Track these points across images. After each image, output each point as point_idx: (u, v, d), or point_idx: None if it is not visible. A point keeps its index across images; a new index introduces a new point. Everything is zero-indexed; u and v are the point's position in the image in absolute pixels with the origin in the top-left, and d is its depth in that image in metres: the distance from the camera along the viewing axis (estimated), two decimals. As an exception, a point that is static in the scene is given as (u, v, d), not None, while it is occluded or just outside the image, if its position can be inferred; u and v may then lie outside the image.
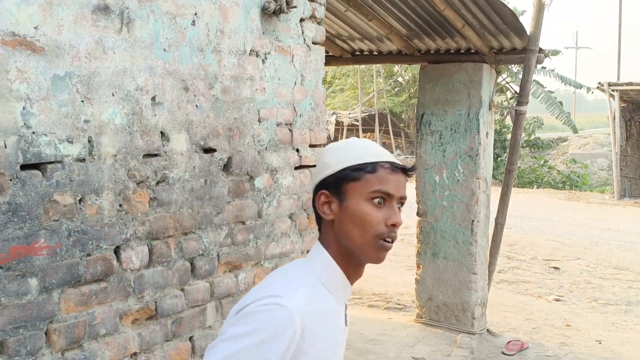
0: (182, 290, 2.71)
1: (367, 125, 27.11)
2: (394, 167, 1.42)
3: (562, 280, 7.97)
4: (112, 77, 2.37)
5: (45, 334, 2.19)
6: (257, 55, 3.03)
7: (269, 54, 3.09)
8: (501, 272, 8.03)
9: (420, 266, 5.75)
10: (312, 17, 3.35)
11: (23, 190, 2.10)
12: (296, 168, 3.32)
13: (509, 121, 21.54)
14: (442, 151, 5.53)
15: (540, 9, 4.97)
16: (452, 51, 5.49)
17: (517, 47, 5.21)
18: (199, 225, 2.77)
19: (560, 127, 28.25)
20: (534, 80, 17.66)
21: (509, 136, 21.63)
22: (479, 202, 5.41)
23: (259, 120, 3.06)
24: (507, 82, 17.17)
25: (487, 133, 5.46)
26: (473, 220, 5.41)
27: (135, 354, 2.52)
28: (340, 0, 4.78)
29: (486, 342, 5.45)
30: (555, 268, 8.55)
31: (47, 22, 2.14)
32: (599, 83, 16.63)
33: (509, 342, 5.39)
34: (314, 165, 3.33)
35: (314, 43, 3.38)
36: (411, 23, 5.18)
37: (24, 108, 2.09)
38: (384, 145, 26.71)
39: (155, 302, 2.58)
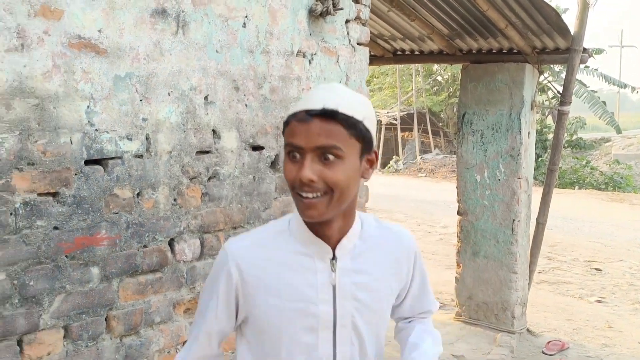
0: (231, 282, 2.81)
1: (405, 124, 27.02)
2: (306, 116, 1.32)
3: (604, 281, 7.88)
4: (168, 78, 2.48)
5: (106, 320, 2.32)
6: (304, 56, 3.12)
7: (315, 54, 3.18)
8: (542, 272, 7.98)
9: (461, 265, 5.77)
10: (357, 18, 3.42)
11: (87, 184, 2.23)
12: (340, 166, 3.40)
13: (550, 121, 21.25)
14: (484, 150, 5.54)
15: (584, 8, 4.95)
16: (494, 51, 5.50)
17: (560, 47, 5.19)
18: (247, 219, 2.87)
19: (603, 127, 27.70)
20: (577, 79, 17.42)
21: (550, 136, 21.34)
22: (520, 201, 5.41)
23: (305, 119, 3.14)
24: (549, 82, 16.98)
25: (528, 133, 5.45)
26: (514, 220, 5.41)
27: (185, 342, 2.63)
28: (383, 1, 4.85)
29: (526, 341, 5.45)
30: (597, 269, 8.46)
31: (110, 26, 2.27)
32: (645, 82, 16.28)
33: (549, 342, 5.39)
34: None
35: (358, 44, 3.45)
36: (453, 23, 5.21)
37: (88, 107, 2.22)
38: (422, 144, 26.61)
39: (206, 293, 2.69)
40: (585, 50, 5.13)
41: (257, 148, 2.91)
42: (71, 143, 2.17)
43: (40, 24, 2.07)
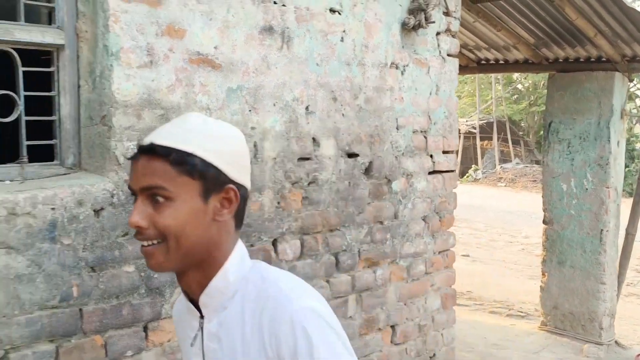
0: (327, 281, 2.98)
1: (484, 133, 26.65)
2: (135, 153, 1.19)
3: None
4: (273, 90, 2.68)
5: (217, 312, 2.52)
6: (397, 68, 3.26)
7: (407, 66, 3.31)
8: (630, 285, 7.77)
9: (546, 274, 5.74)
10: (447, 30, 3.54)
11: (202, 187, 2.44)
12: (430, 173, 3.52)
13: (638, 130, 20.50)
14: (570, 160, 5.51)
15: (677, 15, 4.86)
16: (581, 59, 5.46)
17: (652, 55, 5.11)
18: (343, 223, 3.03)
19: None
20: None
21: (637, 145, 20.56)
22: (608, 211, 5.34)
23: (397, 128, 3.28)
24: (638, 89, 16.41)
25: (618, 142, 5.38)
26: (602, 230, 5.35)
27: (287, 336, 2.80)
28: (469, 12, 4.93)
29: (614, 353, 5.36)
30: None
31: (224, 43, 2.48)
32: None
33: (638, 354, 5.28)
34: (447, 171, 3.53)
35: (448, 55, 3.56)
36: (540, 32, 5.22)
37: (204, 117, 2.43)
38: (501, 153, 26.17)
39: (305, 291, 2.86)
40: (678, 57, 5.04)
41: (352, 155, 3.06)
42: (190, 150, 2.39)
43: (166, 43, 2.30)
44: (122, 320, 2.22)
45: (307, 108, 2.82)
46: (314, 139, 2.86)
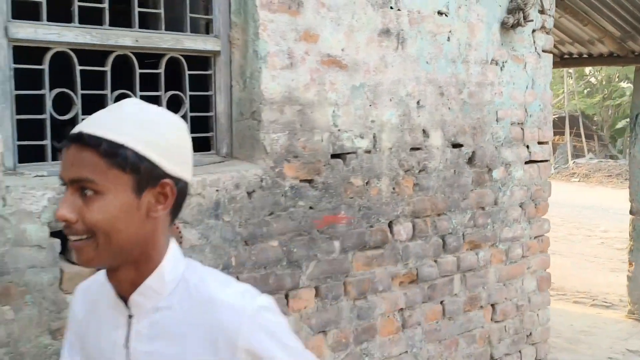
0: (436, 261, 3.26)
1: (557, 127, 26.12)
2: (65, 141, 1.09)
3: None
4: (390, 86, 2.98)
5: (343, 285, 2.85)
6: (496, 64, 3.50)
7: (505, 62, 3.55)
8: None
9: (633, 264, 5.83)
10: (543, 27, 3.75)
11: (332, 174, 2.77)
12: (526, 162, 3.74)
13: None
14: (657, 151, 5.59)
15: None
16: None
17: None
18: (449, 208, 3.30)
19: None
20: None
21: None
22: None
23: (497, 120, 3.53)
24: None
25: None
26: (690, 220, 5.41)
27: (401, 309, 3.10)
28: (556, 8, 5.08)
29: None
30: None
31: (350, 45, 2.80)
32: None
33: None
34: (542, 161, 3.75)
35: (543, 51, 3.77)
36: (626, 25, 5.33)
37: (333, 112, 2.76)
38: (574, 148, 25.70)
39: (417, 269, 3.16)
40: None
41: (457, 146, 3.33)
42: (322, 140, 2.72)
43: (303, 46, 2.63)
44: (269, 287, 2.57)
45: (418, 102, 3.11)
46: (424, 130, 3.15)
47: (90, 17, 2.25)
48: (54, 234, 2.04)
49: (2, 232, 1.93)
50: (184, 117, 2.50)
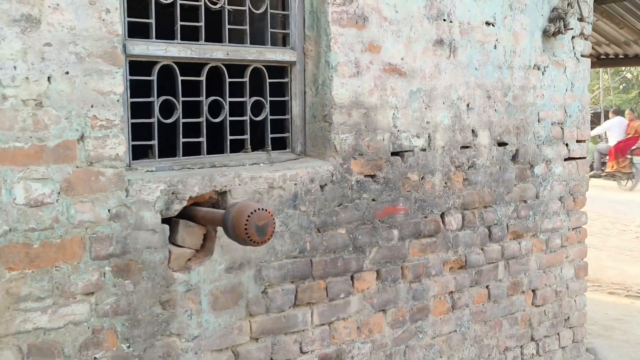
0: (482, 249, 3.57)
1: (592, 123, 26.05)
2: None
3: None
4: (443, 91, 3.30)
5: (401, 269, 3.18)
6: (538, 69, 3.79)
7: (547, 67, 3.84)
8: None
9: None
10: (581, 34, 4.03)
11: (392, 170, 3.10)
12: (565, 159, 4.03)
13: None
14: (691, 148, 5.80)
15: None
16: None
17: None
18: (494, 201, 3.61)
19: None
20: None
21: None
22: None
23: (538, 121, 3.82)
24: None
25: None
26: None
27: (451, 292, 3.43)
28: (594, 12, 5.34)
29: None
30: None
31: (408, 54, 3.13)
32: None
33: None
34: (580, 158, 4.03)
35: (582, 56, 4.06)
36: (662, 28, 5.56)
37: (393, 114, 3.09)
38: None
39: (465, 256, 3.48)
40: None
41: (502, 144, 3.63)
42: (383, 140, 3.06)
43: (367, 57, 2.97)
44: (337, 270, 2.92)
45: (467, 105, 3.42)
46: (472, 130, 3.46)
47: (187, 33, 2.62)
48: (164, 220, 2.41)
49: (125, 218, 2.30)
50: (264, 119, 2.85)
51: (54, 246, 2.14)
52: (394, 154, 3.12)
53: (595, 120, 25.82)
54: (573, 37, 3.99)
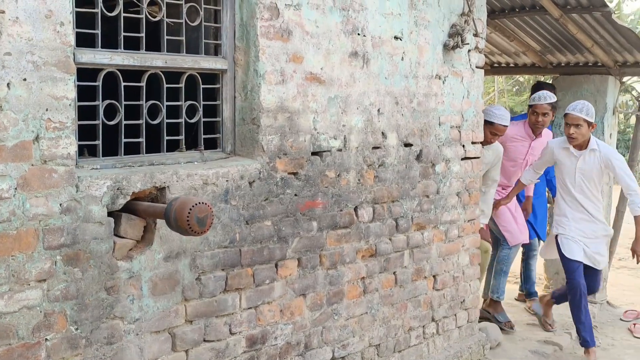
0: (390, 239, 3.99)
1: (487, 123, 27.49)
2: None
3: None
4: (357, 97, 3.68)
5: (319, 257, 3.54)
6: (439, 78, 4.26)
7: (447, 77, 4.31)
8: (622, 260, 8.80)
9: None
10: (476, 48, 4.54)
11: (312, 168, 3.45)
12: (462, 159, 4.53)
13: (634, 120, 21.44)
14: (570, 149, 6.52)
15: (660, 29, 5.86)
16: (581, 64, 6.47)
17: (639, 61, 6.12)
18: (401, 196, 4.04)
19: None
20: (662, 80, 17.68)
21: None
22: (602, 192, 6.36)
23: (439, 124, 4.29)
24: (634, 82, 17.37)
25: (610, 134, 6.39)
26: (596, 208, 6.37)
27: (363, 278, 3.83)
28: (488, 26, 5.91)
29: (606, 311, 6.39)
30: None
31: (327, 65, 3.49)
32: None
33: (626, 311, 6.31)
34: (475, 157, 4.54)
35: (477, 67, 4.57)
36: (546, 42, 6.22)
37: (314, 118, 3.44)
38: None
39: (375, 246, 3.89)
40: (661, 63, 6.04)
41: (408, 145, 4.07)
42: (305, 141, 3.40)
43: (292, 66, 3.30)
44: (263, 258, 3.24)
45: (378, 110, 3.82)
46: (382, 133, 3.87)
47: (128, 43, 2.86)
48: (110, 214, 2.65)
49: (75, 211, 2.53)
50: (198, 122, 3.13)
51: (11, 237, 2.34)
52: (314, 153, 3.47)
53: (491, 121, 27.31)
54: (469, 51, 4.48)
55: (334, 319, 3.66)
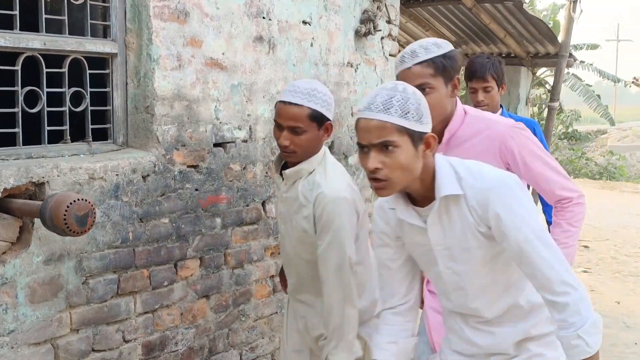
0: (301, 235, 3.81)
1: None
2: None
3: (590, 256, 8.90)
4: (263, 85, 3.47)
5: (224, 256, 3.32)
6: (351, 66, 4.11)
7: (359, 65, 4.17)
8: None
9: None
10: (390, 35, 4.41)
11: (214, 160, 3.22)
12: (376, 150, 4.39)
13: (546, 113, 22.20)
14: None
15: (570, 20, 5.93)
16: (494, 55, 6.48)
17: (550, 52, 6.19)
18: (312, 189, 3.86)
19: (601, 119, 28.67)
20: (573, 74, 18.32)
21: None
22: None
23: (352, 114, 4.14)
24: (547, 76, 17.92)
25: (524, 125, 6.46)
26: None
27: (272, 276, 3.63)
28: (402, 15, 5.83)
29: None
30: (585, 247, 9.46)
31: (229, 50, 3.26)
32: (634, 78, 17.29)
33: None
34: (390, 148, 4.41)
35: (390, 55, 4.44)
36: (460, 32, 6.20)
37: (215, 107, 3.21)
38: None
39: (285, 241, 3.69)
40: (571, 55, 6.13)
41: (319, 136, 3.89)
42: (206, 132, 3.17)
43: (189, 51, 3.06)
44: (161, 258, 2.99)
45: (286, 99, 3.62)
46: (291, 123, 3.67)
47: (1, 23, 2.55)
48: None
49: None
50: (84, 110, 2.84)
51: None
52: (216, 145, 3.24)
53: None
54: (382, 38, 4.35)
55: (241, 321, 3.45)
